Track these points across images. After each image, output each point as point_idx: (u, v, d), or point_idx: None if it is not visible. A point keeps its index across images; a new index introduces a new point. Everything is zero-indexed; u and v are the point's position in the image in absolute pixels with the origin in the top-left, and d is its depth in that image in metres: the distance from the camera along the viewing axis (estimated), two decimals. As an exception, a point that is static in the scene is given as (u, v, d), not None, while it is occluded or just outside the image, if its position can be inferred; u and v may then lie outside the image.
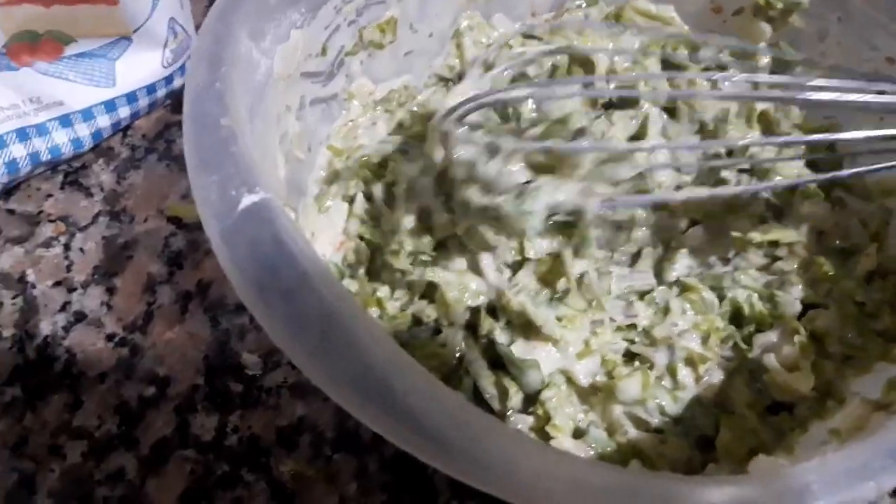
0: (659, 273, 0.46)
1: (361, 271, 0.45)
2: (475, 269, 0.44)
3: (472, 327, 0.42)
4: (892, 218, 0.45)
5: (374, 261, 0.46)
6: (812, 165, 0.48)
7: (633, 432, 0.37)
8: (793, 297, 0.43)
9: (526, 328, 0.41)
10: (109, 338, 0.47)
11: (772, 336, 0.42)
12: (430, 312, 0.43)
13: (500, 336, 0.41)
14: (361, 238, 0.46)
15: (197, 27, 0.57)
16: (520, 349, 0.40)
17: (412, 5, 0.47)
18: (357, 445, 0.44)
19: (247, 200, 0.29)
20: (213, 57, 0.34)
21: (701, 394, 0.40)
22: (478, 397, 0.40)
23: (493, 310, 0.43)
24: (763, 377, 0.40)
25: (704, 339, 0.42)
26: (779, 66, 0.52)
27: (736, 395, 0.40)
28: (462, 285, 0.43)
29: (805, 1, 0.49)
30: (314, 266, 0.28)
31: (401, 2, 0.46)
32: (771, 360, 0.40)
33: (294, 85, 0.41)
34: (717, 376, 0.41)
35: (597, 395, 0.39)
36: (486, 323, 0.41)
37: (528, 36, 0.52)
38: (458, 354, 0.41)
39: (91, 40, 0.51)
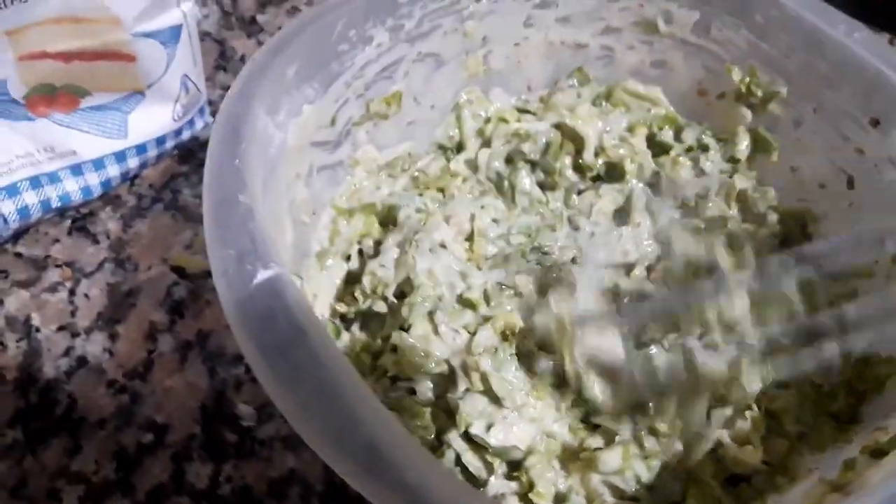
0: None
1: (355, 327, 0.47)
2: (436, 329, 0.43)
3: (448, 411, 0.42)
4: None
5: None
6: (785, 244, 0.52)
7: (610, 500, 0.39)
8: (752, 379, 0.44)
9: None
10: (110, 384, 0.49)
11: (727, 411, 0.43)
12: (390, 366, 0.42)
13: (477, 426, 0.40)
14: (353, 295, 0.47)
15: (206, 80, 0.60)
16: (499, 430, 0.40)
17: (417, 80, 0.50)
18: (345, 500, 0.45)
19: (261, 276, 0.31)
20: (233, 132, 0.36)
21: (669, 460, 0.42)
22: (461, 463, 0.40)
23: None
24: (718, 450, 0.42)
25: None
26: (757, 148, 0.55)
27: (700, 464, 0.41)
28: (425, 350, 0.42)
29: (783, 91, 0.52)
30: (317, 336, 0.30)
31: (406, 77, 0.49)
32: (723, 434, 0.42)
33: (304, 154, 0.43)
34: (678, 446, 0.42)
35: (575, 462, 0.41)
36: (463, 417, 0.40)
37: (523, 110, 0.55)
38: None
39: (106, 94, 0.54)
